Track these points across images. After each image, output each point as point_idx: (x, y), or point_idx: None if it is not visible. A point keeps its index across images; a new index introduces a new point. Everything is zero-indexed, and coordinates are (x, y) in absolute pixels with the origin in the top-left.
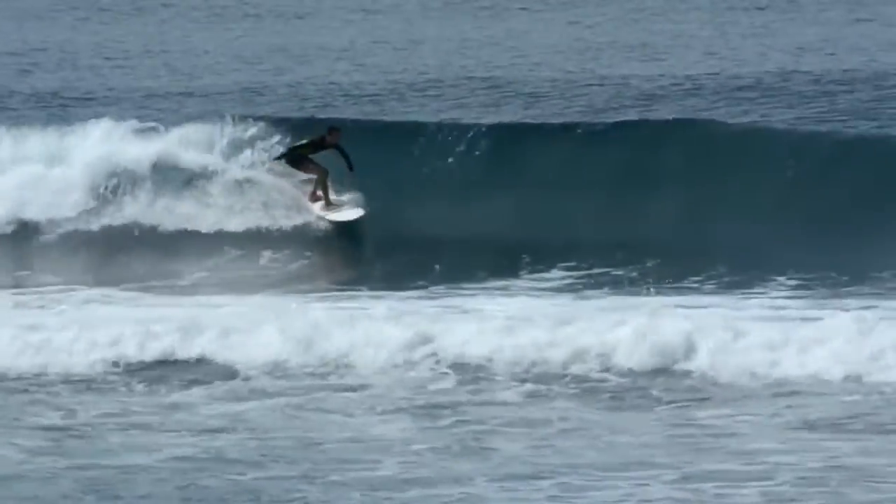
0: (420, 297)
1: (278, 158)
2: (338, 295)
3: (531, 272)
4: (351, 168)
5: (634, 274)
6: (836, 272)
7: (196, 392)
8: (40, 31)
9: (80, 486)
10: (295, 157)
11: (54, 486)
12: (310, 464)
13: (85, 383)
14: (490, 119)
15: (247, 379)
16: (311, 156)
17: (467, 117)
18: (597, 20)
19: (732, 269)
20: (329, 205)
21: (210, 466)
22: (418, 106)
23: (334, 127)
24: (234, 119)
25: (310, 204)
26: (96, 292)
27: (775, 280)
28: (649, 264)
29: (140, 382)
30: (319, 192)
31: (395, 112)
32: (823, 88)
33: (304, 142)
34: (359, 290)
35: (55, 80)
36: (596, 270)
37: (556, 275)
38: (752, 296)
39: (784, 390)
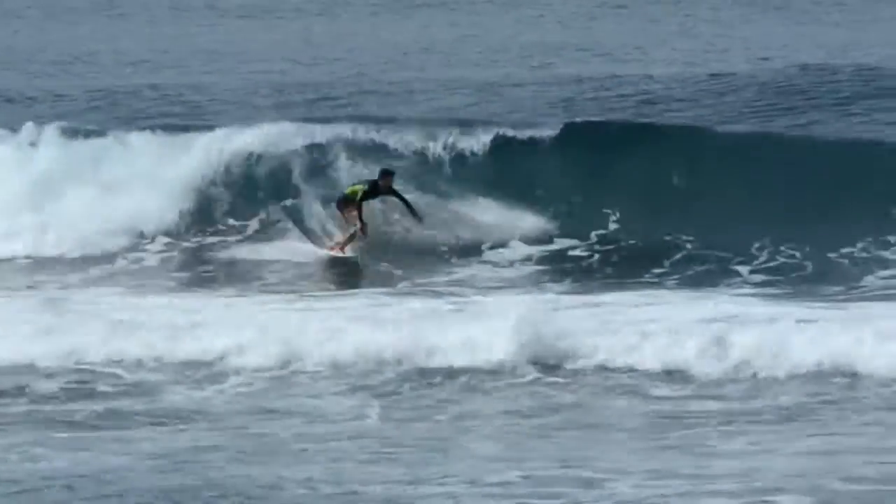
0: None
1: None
2: (315, 295)
3: (492, 270)
4: (414, 214)
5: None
6: (796, 270)
7: (173, 387)
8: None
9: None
10: (345, 200)
11: (22, 486)
12: (286, 458)
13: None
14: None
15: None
16: (364, 202)
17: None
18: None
19: (691, 265)
20: (340, 249)
21: (185, 463)
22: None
23: (387, 170)
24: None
25: (328, 246)
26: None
27: (737, 278)
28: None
29: (110, 379)
30: (343, 240)
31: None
32: (784, 86)
33: (358, 186)
34: (329, 289)
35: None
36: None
37: (518, 263)
38: (700, 295)
39: (714, 383)
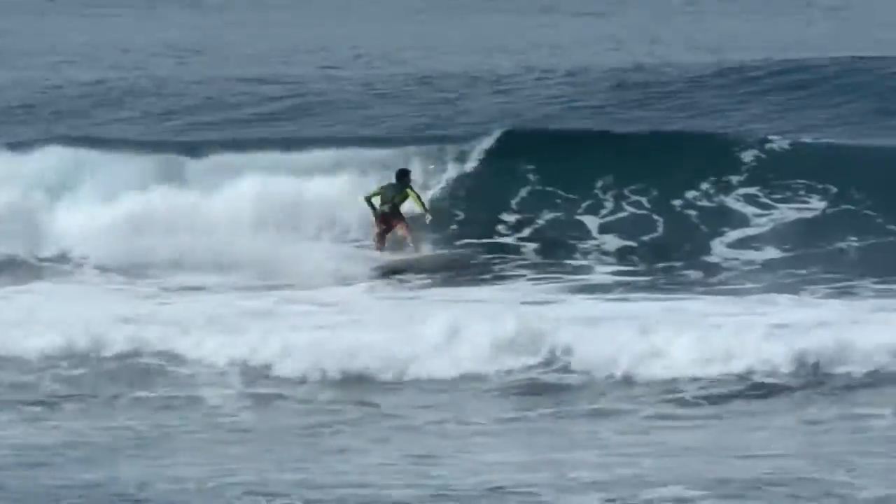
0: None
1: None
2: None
3: None
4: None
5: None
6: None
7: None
8: None
9: None
10: (395, 209)
11: None
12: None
13: None
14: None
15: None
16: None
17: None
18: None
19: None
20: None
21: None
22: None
23: (405, 170)
24: None
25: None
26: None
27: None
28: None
29: None
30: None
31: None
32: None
33: (408, 191)
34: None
35: None
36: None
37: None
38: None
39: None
